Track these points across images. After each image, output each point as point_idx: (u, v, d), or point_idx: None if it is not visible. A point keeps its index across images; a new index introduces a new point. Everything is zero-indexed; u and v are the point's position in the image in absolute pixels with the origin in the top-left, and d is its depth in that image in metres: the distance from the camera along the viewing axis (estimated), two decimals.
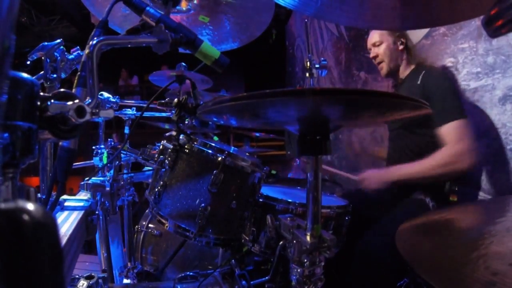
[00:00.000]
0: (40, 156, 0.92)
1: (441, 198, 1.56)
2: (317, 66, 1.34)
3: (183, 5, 1.19)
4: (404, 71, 1.81)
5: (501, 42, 1.58)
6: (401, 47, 1.78)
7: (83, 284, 1.00)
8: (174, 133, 1.17)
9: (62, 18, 8.70)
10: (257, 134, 3.56)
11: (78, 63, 0.92)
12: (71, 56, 0.93)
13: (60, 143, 0.66)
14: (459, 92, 1.72)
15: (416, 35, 2.18)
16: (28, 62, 0.89)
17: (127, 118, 2.10)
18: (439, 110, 1.50)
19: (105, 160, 1.64)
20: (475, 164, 1.45)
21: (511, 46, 1.53)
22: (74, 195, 1.22)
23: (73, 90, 0.65)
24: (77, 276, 1.12)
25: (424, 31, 2.17)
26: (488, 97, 1.66)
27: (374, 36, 1.84)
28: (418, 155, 1.64)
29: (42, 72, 0.88)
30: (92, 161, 1.77)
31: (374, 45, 1.84)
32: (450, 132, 1.46)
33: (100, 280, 1.06)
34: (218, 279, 1.41)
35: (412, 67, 1.78)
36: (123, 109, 2.09)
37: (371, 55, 1.87)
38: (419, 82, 1.63)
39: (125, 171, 1.78)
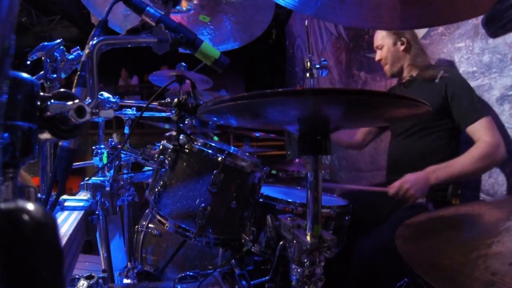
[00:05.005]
0: (40, 156, 0.92)
1: (444, 202, 1.55)
2: (317, 66, 1.34)
3: (183, 5, 1.19)
4: (412, 70, 1.77)
5: (497, 41, 1.57)
6: (402, 47, 1.76)
7: (83, 284, 1.00)
8: (174, 133, 1.17)
9: (62, 18, 8.69)
10: (257, 134, 3.55)
11: (78, 63, 0.92)
12: (71, 56, 0.93)
13: (60, 143, 0.66)
14: None
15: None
16: (28, 62, 0.89)
17: (127, 118, 2.10)
18: (467, 109, 1.51)
19: (105, 160, 1.64)
20: (506, 156, 1.45)
21: (507, 45, 1.53)
22: (74, 195, 1.22)
23: (73, 90, 0.65)
24: (77, 276, 1.12)
25: (423, 31, 2.17)
26: (486, 97, 1.65)
27: (376, 39, 1.84)
28: (419, 161, 1.64)
29: (42, 72, 0.88)
30: (92, 161, 1.77)
31: (377, 48, 1.84)
32: (481, 128, 1.47)
33: (100, 280, 1.06)
34: (218, 279, 1.41)
35: (421, 65, 1.75)
36: (123, 109, 2.09)
37: (376, 58, 1.86)
38: (437, 81, 1.61)
39: (125, 171, 1.78)
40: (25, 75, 0.38)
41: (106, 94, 1.61)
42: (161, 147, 1.25)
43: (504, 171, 1.59)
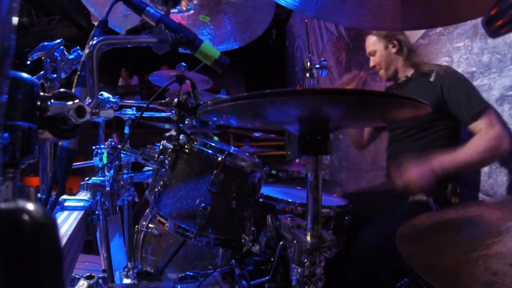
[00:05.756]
0: (40, 156, 0.92)
1: (443, 200, 1.55)
2: (317, 66, 1.34)
3: (183, 5, 1.19)
4: (406, 70, 1.78)
5: (497, 41, 1.57)
6: (394, 49, 1.75)
7: (83, 284, 1.00)
8: (174, 133, 1.17)
9: (62, 18, 8.69)
10: (257, 134, 3.55)
11: (78, 63, 0.92)
12: (71, 56, 0.93)
13: (60, 143, 0.66)
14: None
15: (413, 35, 2.17)
16: (28, 62, 0.89)
17: (127, 118, 2.10)
18: (466, 104, 1.49)
19: (105, 160, 1.64)
20: (509, 149, 1.40)
21: (507, 45, 1.53)
22: (74, 195, 1.22)
23: (73, 90, 0.65)
24: (77, 276, 1.12)
25: (420, 31, 2.17)
26: (485, 97, 1.65)
27: (368, 45, 1.83)
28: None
29: (42, 72, 0.88)
30: (92, 161, 1.77)
31: (370, 54, 1.84)
32: (481, 120, 1.45)
33: (100, 280, 1.06)
34: (218, 279, 1.41)
35: (415, 62, 1.75)
36: (123, 109, 2.09)
37: (370, 64, 1.86)
38: (432, 80, 1.61)
39: (125, 171, 1.78)
40: (25, 75, 0.38)
41: (106, 94, 1.61)
42: (161, 147, 1.25)
43: (504, 171, 1.59)
